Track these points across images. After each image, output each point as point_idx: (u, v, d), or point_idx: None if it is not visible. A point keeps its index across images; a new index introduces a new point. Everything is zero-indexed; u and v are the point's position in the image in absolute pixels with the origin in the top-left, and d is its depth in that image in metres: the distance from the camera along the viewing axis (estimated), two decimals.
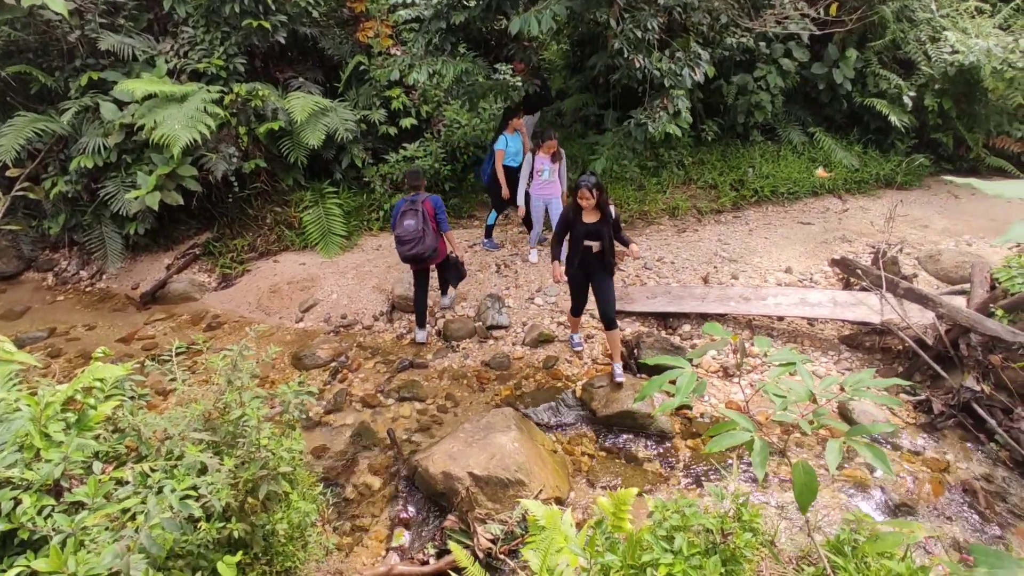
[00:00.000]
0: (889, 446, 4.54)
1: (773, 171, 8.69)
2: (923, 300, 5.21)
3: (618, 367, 5.12)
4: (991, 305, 4.97)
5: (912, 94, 8.65)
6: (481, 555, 3.63)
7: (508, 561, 3.62)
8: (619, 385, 5.02)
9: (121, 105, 7.29)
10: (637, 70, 6.63)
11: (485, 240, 7.63)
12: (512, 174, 6.93)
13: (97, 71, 7.42)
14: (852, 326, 5.73)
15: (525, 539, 2.97)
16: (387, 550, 3.86)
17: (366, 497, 4.31)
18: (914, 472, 4.29)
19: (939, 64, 8.53)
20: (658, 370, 4.13)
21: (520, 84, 6.70)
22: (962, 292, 5.87)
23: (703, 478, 4.32)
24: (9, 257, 8.16)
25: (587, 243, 4.89)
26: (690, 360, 1.74)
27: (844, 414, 4.77)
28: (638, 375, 5.38)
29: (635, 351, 5.48)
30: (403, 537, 3.96)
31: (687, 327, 5.93)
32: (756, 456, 1.33)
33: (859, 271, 5.90)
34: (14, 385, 3.15)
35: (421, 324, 6.13)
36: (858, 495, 4.12)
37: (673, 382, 1.51)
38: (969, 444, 4.52)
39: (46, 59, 7.67)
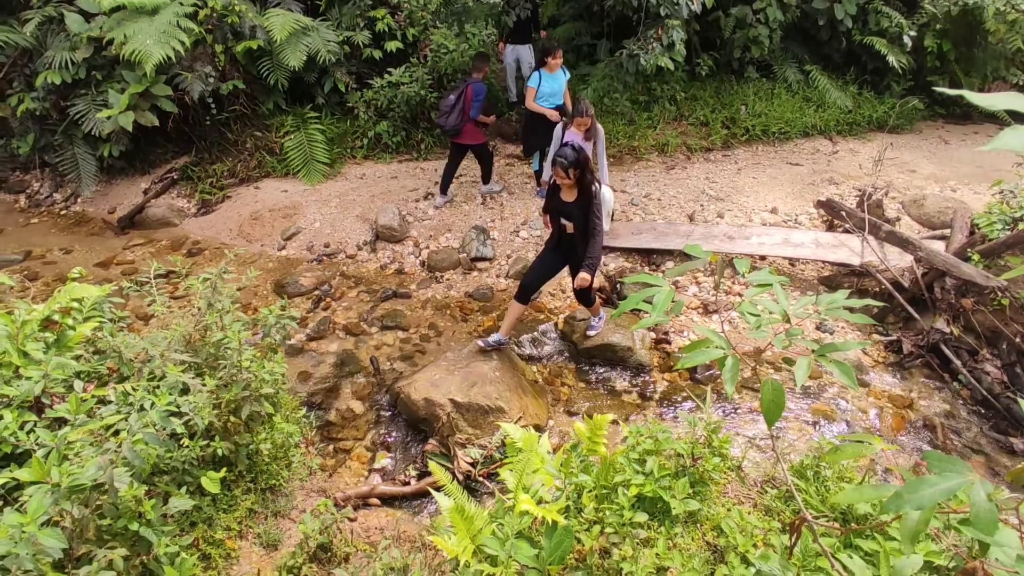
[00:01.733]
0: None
1: (766, 110, 8.54)
2: (904, 243, 5.27)
3: (594, 320, 4.93)
4: (968, 249, 5.05)
5: (913, 34, 8.44)
6: (461, 477, 3.76)
7: (487, 483, 3.75)
8: (588, 337, 4.93)
9: (88, 16, 6.88)
10: None
11: (540, 189, 6.92)
12: (539, 119, 6.11)
13: None
14: (832, 267, 5.80)
15: (504, 462, 3.07)
16: (369, 471, 3.98)
17: (349, 421, 4.40)
18: (880, 407, 4.47)
19: (943, 2, 8.30)
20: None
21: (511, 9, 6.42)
22: (942, 237, 5.94)
23: (678, 409, 4.46)
24: None
25: (563, 222, 4.35)
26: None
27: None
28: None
29: (617, 287, 5.52)
30: (385, 459, 4.07)
31: (671, 264, 5.96)
32: (727, 372, 1.36)
33: (844, 213, 5.92)
34: None
35: (443, 191, 6.89)
36: (824, 429, 4.29)
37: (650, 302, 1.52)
38: (933, 383, 4.69)
39: None
